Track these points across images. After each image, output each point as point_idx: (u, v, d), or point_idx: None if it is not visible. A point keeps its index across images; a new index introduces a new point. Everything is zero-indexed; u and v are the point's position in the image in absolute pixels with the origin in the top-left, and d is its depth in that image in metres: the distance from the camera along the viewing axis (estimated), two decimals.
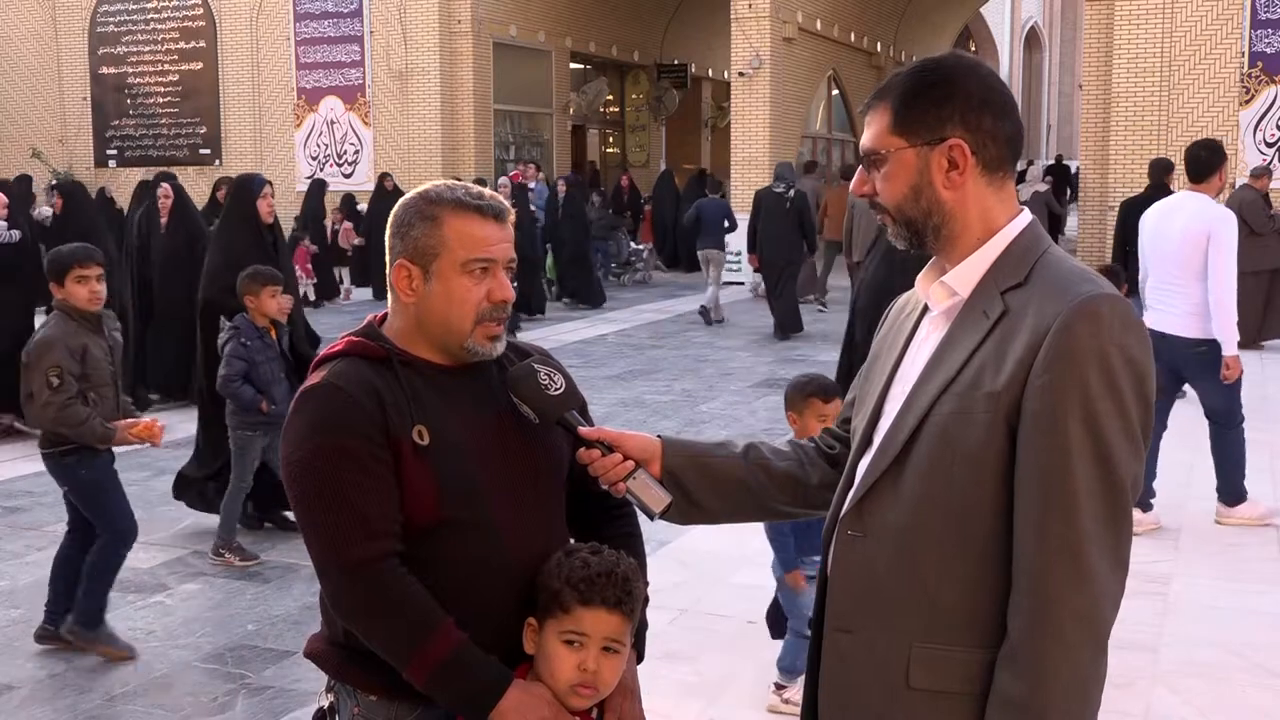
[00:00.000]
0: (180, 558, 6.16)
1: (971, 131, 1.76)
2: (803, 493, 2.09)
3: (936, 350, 1.79)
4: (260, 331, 5.97)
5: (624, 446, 2.04)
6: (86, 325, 4.80)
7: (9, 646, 5.01)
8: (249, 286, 5.90)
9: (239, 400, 5.93)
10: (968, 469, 1.70)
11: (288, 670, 4.69)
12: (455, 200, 2.03)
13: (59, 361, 4.64)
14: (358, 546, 1.92)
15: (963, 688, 1.71)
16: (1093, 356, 1.63)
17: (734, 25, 20.04)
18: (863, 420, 1.91)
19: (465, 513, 1.98)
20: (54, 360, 4.64)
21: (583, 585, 1.95)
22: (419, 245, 2.02)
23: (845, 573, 1.83)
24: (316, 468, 1.94)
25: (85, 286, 4.74)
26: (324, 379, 2.00)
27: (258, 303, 5.91)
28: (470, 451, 2.01)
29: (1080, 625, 1.63)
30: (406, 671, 1.93)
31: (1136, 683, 4.45)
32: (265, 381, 5.93)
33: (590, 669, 1.95)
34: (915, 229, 1.82)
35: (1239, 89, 16.71)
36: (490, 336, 2.05)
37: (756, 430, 8.69)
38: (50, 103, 23.82)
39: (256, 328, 5.96)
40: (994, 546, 1.70)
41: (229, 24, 22.35)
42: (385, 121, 21.38)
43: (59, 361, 4.64)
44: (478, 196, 2.04)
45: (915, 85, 1.79)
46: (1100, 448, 1.63)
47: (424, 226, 2.02)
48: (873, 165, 1.83)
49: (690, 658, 4.77)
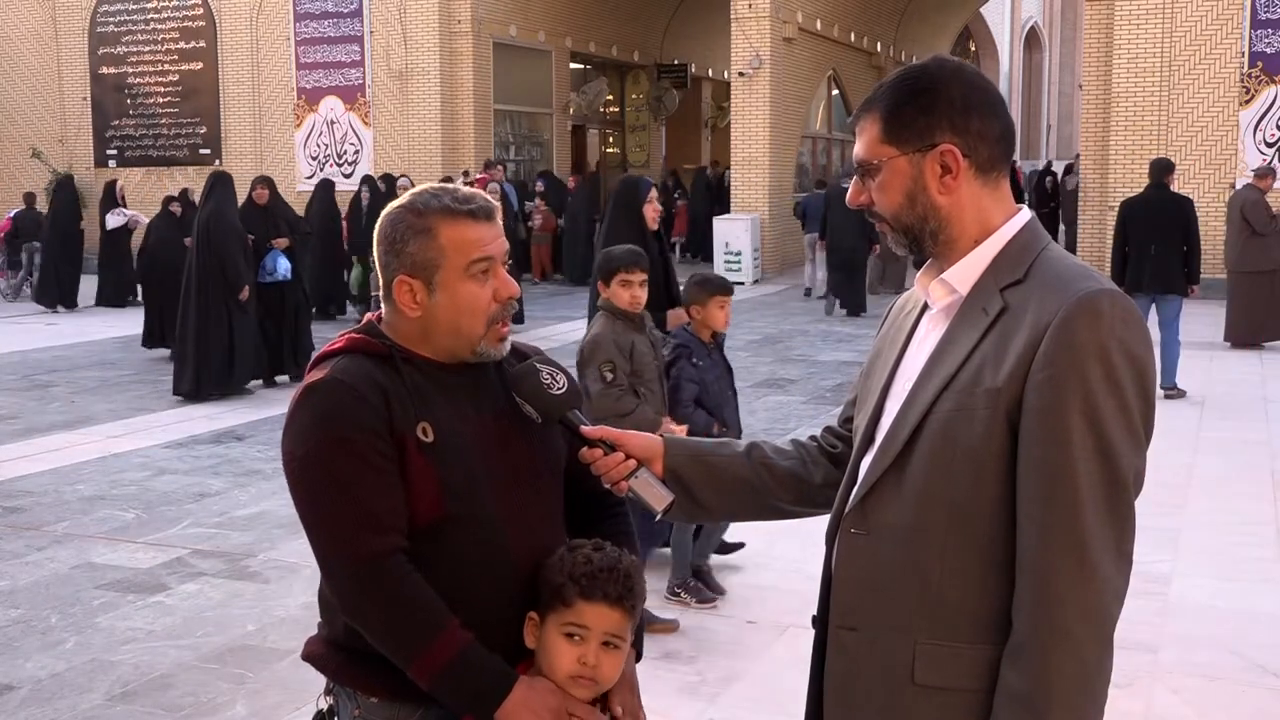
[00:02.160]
0: (180, 558, 6.16)
1: (961, 135, 1.77)
2: (805, 491, 2.09)
3: (937, 348, 1.79)
4: (708, 347, 5.40)
5: (626, 445, 2.04)
6: (630, 324, 4.95)
7: (9, 646, 5.01)
8: (696, 295, 5.34)
9: (694, 427, 5.18)
10: (969, 466, 1.70)
11: (288, 670, 4.68)
12: (444, 208, 2.01)
13: (611, 357, 4.84)
14: (365, 542, 1.91)
15: (968, 684, 1.71)
16: (1093, 352, 1.63)
17: (734, 25, 20.04)
18: (864, 418, 1.91)
19: (468, 510, 1.98)
20: (606, 356, 4.85)
21: (585, 579, 1.95)
22: (416, 260, 2.01)
23: (849, 571, 1.83)
24: (322, 462, 1.93)
25: (628, 291, 4.90)
26: (328, 374, 1.99)
27: (705, 313, 5.32)
28: (472, 449, 2.00)
29: (1085, 620, 1.63)
30: (411, 670, 1.92)
31: (1136, 683, 4.45)
32: (716, 403, 5.37)
33: (590, 663, 1.95)
34: (913, 235, 1.82)
35: (1239, 89, 16.71)
36: (500, 338, 2.05)
37: (757, 430, 8.68)
38: (50, 103, 23.81)
39: (703, 343, 5.38)
40: (997, 543, 1.70)
41: (229, 24, 22.34)
42: (385, 121, 21.38)
43: (611, 357, 4.84)
44: (464, 200, 2.03)
45: (901, 93, 1.80)
46: (1102, 442, 1.63)
47: (419, 240, 2.00)
48: (866, 175, 1.84)
49: (690, 658, 4.77)
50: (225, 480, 7.70)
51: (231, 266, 10.46)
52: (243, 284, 10.52)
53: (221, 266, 10.43)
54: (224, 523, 6.75)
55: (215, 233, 10.41)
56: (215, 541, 6.42)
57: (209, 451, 8.53)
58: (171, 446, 8.68)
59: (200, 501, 7.19)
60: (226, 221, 10.55)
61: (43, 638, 5.08)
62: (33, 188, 21.28)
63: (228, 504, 7.13)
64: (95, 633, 5.13)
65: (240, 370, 10.68)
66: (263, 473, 7.83)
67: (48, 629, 5.18)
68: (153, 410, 10.09)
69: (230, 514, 6.92)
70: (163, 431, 9.18)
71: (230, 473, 7.90)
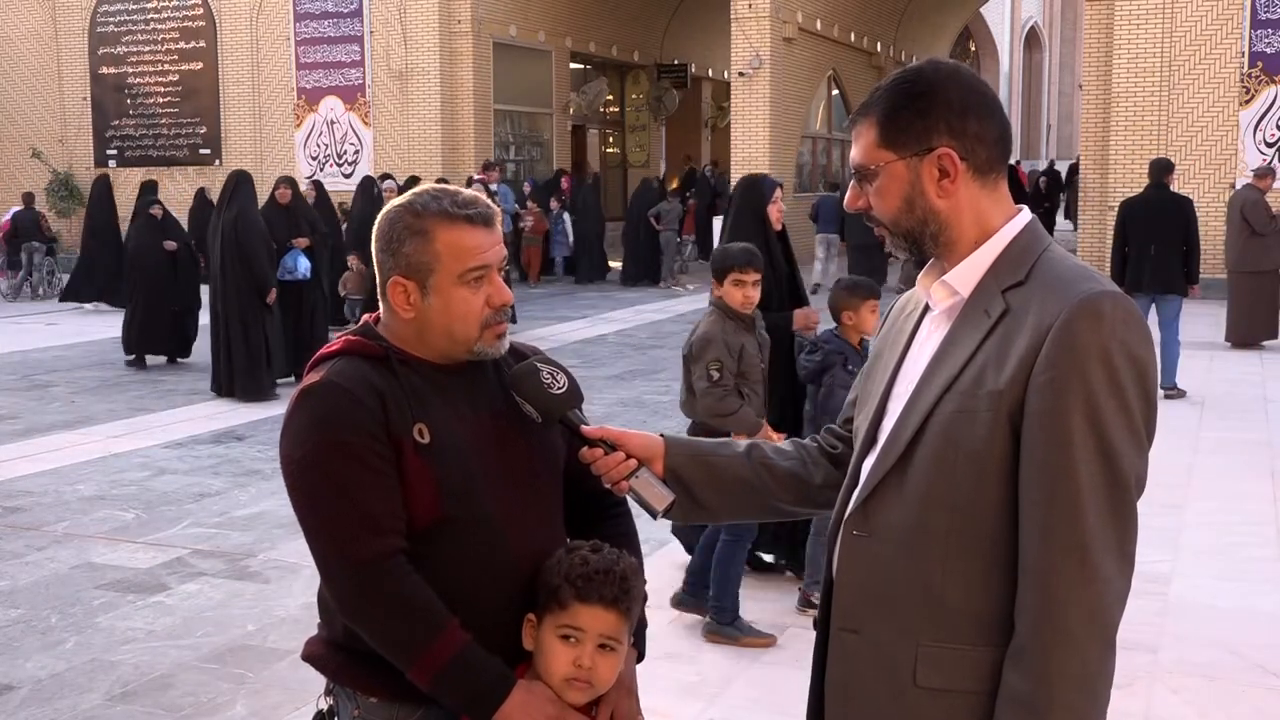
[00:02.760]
0: (180, 558, 6.15)
1: (958, 138, 1.76)
2: (806, 492, 2.08)
3: (939, 350, 1.79)
4: (859, 355, 5.12)
5: (626, 445, 2.04)
6: (741, 324, 4.90)
7: (9, 646, 5.01)
8: (848, 300, 5.23)
9: None
10: (971, 468, 1.70)
11: (288, 670, 4.68)
12: (442, 211, 2.00)
13: (719, 356, 4.80)
14: (364, 544, 1.91)
15: (970, 686, 1.71)
16: (1095, 354, 1.63)
17: (734, 25, 20.06)
18: (866, 419, 1.91)
19: (466, 511, 1.98)
20: (714, 355, 4.80)
21: (580, 581, 1.95)
22: (412, 262, 2.00)
23: (851, 573, 1.83)
24: (319, 465, 1.93)
25: (740, 290, 4.84)
26: (324, 377, 1.99)
27: (857, 318, 5.19)
28: (470, 450, 2.00)
29: (1087, 622, 1.63)
30: (411, 672, 1.92)
31: (1136, 683, 4.45)
32: None
33: (585, 665, 1.95)
34: (913, 239, 1.82)
35: (1239, 89, 16.71)
36: (498, 335, 2.05)
37: None
38: (50, 103, 23.82)
39: (855, 349, 5.17)
40: (999, 545, 1.70)
41: (229, 24, 22.35)
42: (385, 121, 21.38)
43: (719, 356, 4.80)
44: (463, 204, 2.02)
45: (897, 97, 1.79)
46: (1104, 444, 1.63)
47: (415, 242, 2.00)
48: (864, 180, 1.84)
49: (690, 658, 4.77)
50: (225, 480, 7.70)
51: (258, 267, 10.42)
52: (270, 286, 10.49)
53: (249, 267, 10.36)
54: (224, 523, 6.75)
55: (242, 233, 10.36)
56: (215, 541, 6.42)
57: (209, 451, 8.53)
58: (171, 446, 8.68)
59: (200, 501, 7.19)
60: (252, 222, 10.51)
61: (43, 638, 5.08)
62: (33, 188, 21.29)
63: (228, 504, 7.13)
64: (95, 633, 5.13)
65: (274, 369, 10.61)
66: (263, 473, 7.83)
67: (48, 629, 5.18)
68: (153, 410, 10.09)
69: (230, 514, 6.92)
70: (163, 431, 9.18)
71: (230, 473, 7.90)
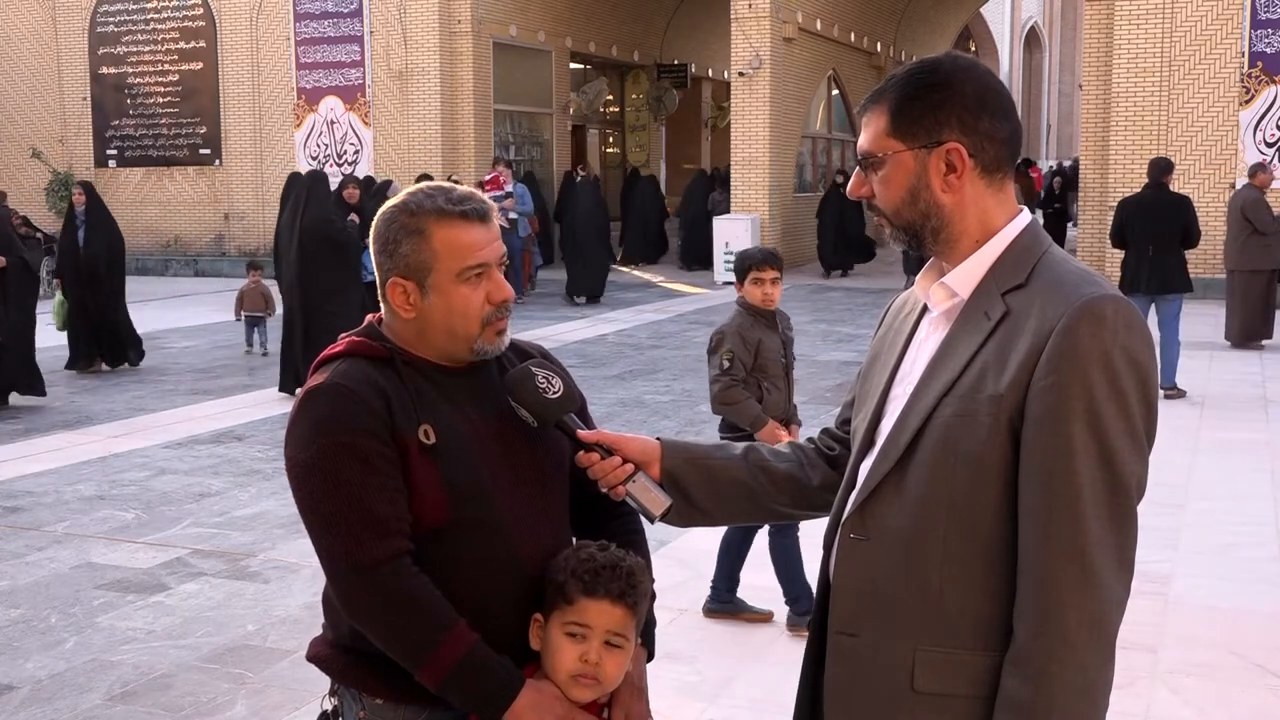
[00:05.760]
0: (180, 558, 6.16)
1: (969, 134, 1.75)
2: (803, 494, 2.08)
3: (938, 352, 1.78)
4: None
5: (623, 449, 2.03)
6: (762, 320, 5.09)
7: (9, 646, 5.01)
8: None
9: None
10: (971, 471, 1.69)
11: (288, 670, 4.68)
12: (438, 210, 2.00)
13: (733, 348, 5.03)
14: (370, 546, 1.90)
15: (968, 691, 1.71)
16: (1096, 358, 1.62)
17: (734, 25, 20.04)
18: (863, 421, 1.90)
19: (472, 512, 1.98)
20: (728, 346, 5.04)
21: (587, 576, 1.95)
22: (410, 262, 2.00)
23: (848, 576, 1.82)
24: (324, 467, 1.92)
25: (759, 288, 5.05)
26: (328, 379, 1.98)
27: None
28: (475, 450, 2.00)
29: (1086, 628, 1.62)
30: (420, 674, 1.91)
31: (1136, 683, 4.45)
32: None
33: (592, 660, 1.94)
34: (913, 231, 1.81)
35: (1239, 89, 16.71)
36: (498, 332, 2.05)
37: None
38: (50, 103, 23.81)
39: None
40: (998, 549, 1.69)
41: (229, 24, 22.34)
42: (385, 121, 21.37)
43: (733, 348, 5.03)
44: (459, 201, 2.01)
45: (912, 87, 1.78)
46: (1104, 450, 1.62)
47: (411, 241, 1.99)
48: (870, 168, 1.82)
49: (690, 658, 4.77)
50: (225, 480, 7.70)
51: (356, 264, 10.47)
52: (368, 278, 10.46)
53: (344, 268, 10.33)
54: (224, 523, 6.75)
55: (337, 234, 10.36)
56: (215, 541, 6.42)
57: (209, 451, 8.52)
58: (171, 446, 8.67)
59: (200, 501, 7.19)
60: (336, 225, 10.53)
61: (43, 638, 5.09)
62: (33, 188, 21.28)
63: (228, 504, 7.13)
64: (95, 633, 5.13)
65: None
66: (263, 473, 7.83)
67: (48, 629, 5.18)
68: (153, 410, 10.09)
69: (230, 514, 6.92)
70: (163, 431, 9.18)
71: (230, 473, 7.90)
